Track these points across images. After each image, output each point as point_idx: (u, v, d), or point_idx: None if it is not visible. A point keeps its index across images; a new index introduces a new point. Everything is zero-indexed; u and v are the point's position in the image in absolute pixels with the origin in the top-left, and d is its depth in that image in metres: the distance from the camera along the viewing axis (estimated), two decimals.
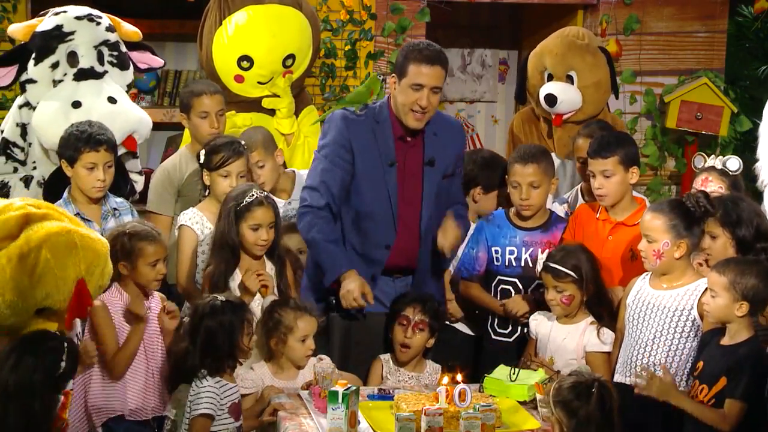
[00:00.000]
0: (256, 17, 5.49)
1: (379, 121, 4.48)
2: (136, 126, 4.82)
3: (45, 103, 4.74)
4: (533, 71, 5.72)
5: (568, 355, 4.30)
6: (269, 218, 4.36)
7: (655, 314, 4.13)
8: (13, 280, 3.44)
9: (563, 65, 5.63)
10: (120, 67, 4.95)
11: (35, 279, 3.47)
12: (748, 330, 3.80)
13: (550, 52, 5.68)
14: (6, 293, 3.44)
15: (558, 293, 4.30)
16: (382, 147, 4.45)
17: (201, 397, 3.76)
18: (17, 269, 3.44)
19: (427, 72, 4.33)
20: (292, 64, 5.60)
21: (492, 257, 4.68)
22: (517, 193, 4.62)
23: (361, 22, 6.41)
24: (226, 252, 4.34)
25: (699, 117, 6.51)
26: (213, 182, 4.68)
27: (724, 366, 3.73)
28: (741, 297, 3.75)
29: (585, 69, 5.65)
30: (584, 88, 5.63)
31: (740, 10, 7.06)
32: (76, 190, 4.53)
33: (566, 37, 5.72)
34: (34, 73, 4.79)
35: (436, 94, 4.37)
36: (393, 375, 4.41)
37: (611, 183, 4.51)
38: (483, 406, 3.64)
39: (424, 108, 4.36)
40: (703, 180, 4.65)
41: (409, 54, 4.38)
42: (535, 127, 5.76)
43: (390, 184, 4.45)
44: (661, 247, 4.07)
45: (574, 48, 5.66)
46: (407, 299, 4.44)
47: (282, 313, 4.18)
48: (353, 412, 3.65)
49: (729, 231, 4.13)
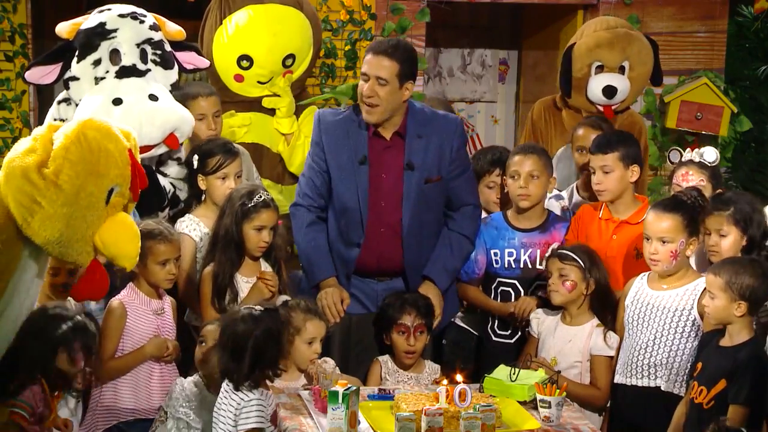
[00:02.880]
0: (257, 17, 5.49)
1: (355, 119, 4.49)
2: (178, 124, 4.73)
3: (87, 99, 4.69)
4: (581, 64, 5.60)
5: (573, 357, 4.30)
6: (273, 221, 4.37)
7: (654, 315, 4.13)
8: (82, 162, 3.41)
9: (621, 56, 5.57)
10: (163, 65, 4.86)
11: (95, 155, 3.44)
12: (748, 331, 3.80)
13: (608, 44, 5.58)
14: (79, 179, 3.40)
15: (561, 278, 4.31)
16: (353, 145, 4.46)
17: (251, 411, 3.65)
18: (78, 153, 3.41)
19: (369, 60, 4.37)
20: (292, 64, 5.59)
21: (491, 260, 4.68)
22: (515, 183, 4.62)
23: (361, 22, 6.41)
24: (230, 251, 4.35)
25: (699, 117, 6.50)
26: (210, 186, 4.68)
27: (724, 368, 3.73)
28: (738, 297, 3.76)
29: (639, 59, 5.62)
30: (635, 77, 5.61)
31: (740, 10, 7.06)
32: None
33: (618, 28, 5.66)
34: (77, 70, 4.75)
35: (383, 86, 4.35)
36: (392, 376, 4.40)
37: (610, 179, 4.52)
38: (483, 406, 3.64)
39: (367, 97, 4.36)
40: (683, 174, 4.63)
41: (368, 47, 4.45)
42: (556, 117, 5.72)
43: (360, 182, 4.44)
44: (678, 247, 4.09)
45: (630, 38, 5.62)
46: (398, 305, 4.39)
47: (292, 314, 4.17)
48: (353, 412, 3.65)
49: (741, 229, 4.14)
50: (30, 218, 3.39)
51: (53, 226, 3.41)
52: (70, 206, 3.41)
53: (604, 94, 5.52)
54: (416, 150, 4.47)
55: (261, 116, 5.56)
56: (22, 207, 3.39)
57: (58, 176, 3.38)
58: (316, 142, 4.53)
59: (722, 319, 3.82)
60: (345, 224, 4.47)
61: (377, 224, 4.46)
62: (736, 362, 3.72)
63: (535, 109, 5.77)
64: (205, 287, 4.36)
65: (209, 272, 4.37)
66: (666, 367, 4.09)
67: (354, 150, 4.45)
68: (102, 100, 4.64)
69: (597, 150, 4.58)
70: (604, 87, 5.52)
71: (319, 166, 4.50)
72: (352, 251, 4.48)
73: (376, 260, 4.49)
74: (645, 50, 5.66)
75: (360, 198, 4.44)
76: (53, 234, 3.42)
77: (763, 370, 3.72)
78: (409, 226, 4.47)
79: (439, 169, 4.50)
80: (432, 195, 4.51)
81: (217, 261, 4.37)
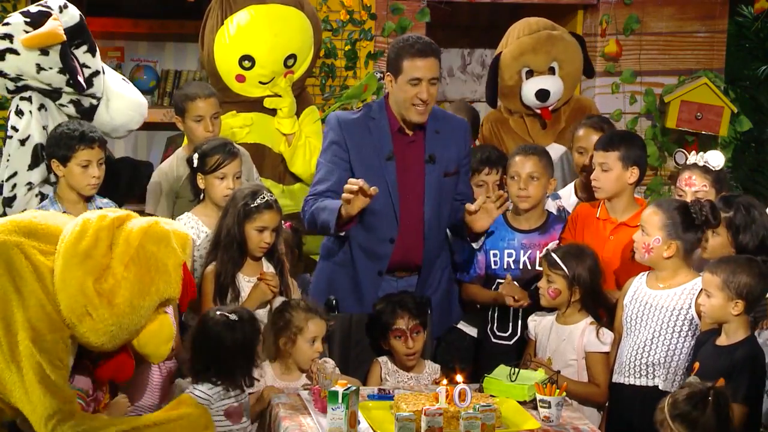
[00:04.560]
0: (258, 17, 5.49)
1: (375, 117, 4.50)
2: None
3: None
4: (510, 73, 5.64)
5: (568, 355, 4.31)
6: (275, 222, 4.38)
7: (652, 314, 4.14)
8: (139, 282, 3.45)
9: (547, 59, 5.60)
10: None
11: (152, 274, 3.49)
12: (744, 329, 3.81)
13: (532, 50, 5.62)
14: (135, 298, 3.45)
15: (548, 283, 4.32)
16: (378, 142, 4.46)
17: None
18: (136, 271, 3.45)
19: (422, 65, 4.36)
20: (294, 64, 5.60)
21: (490, 260, 4.69)
22: (515, 184, 4.62)
23: (361, 22, 6.41)
24: (232, 251, 4.36)
25: (699, 117, 6.51)
26: (209, 186, 4.69)
27: (721, 367, 3.73)
28: (735, 295, 3.77)
29: (567, 58, 5.65)
30: (566, 75, 5.63)
31: (740, 10, 7.06)
32: (64, 190, 4.56)
33: (541, 31, 5.67)
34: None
35: (434, 86, 4.39)
36: (392, 376, 4.40)
37: (607, 177, 4.53)
38: (483, 406, 3.64)
39: (425, 101, 4.37)
40: (686, 179, 4.59)
41: (401, 50, 4.40)
42: (505, 126, 5.73)
43: (389, 178, 4.46)
44: (652, 243, 4.11)
45: (553, 39, 5.64)
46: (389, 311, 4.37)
47: (293, 313, 4.18)
48: (353, 412, 3.65)
49: (731, 233, 4.14)
50: (78, 323, 3.43)
51: (98, 337, 3.47)
52: (119, 323, 3.46)
53: (537, 98, 5.56)
54: (436, 144, 4.51)
55: (262, 116, 5.57)
56: (73, 313, 3.42)
57: (113, 296, 3.42)
58: (335, 142, 4.50)
59: (718, 318, 3.83)
60: (376, 221, 4.46)
61: (406, 219, 4.48)
62: (733, 361, 3.73)
63: (484, 128, 5.81)
64: (207, 286, 4.38)
65: (211, 271, 4.39)
66: (664, 366, 4.10)
67: (379, 147, 4.46)
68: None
69: (599, 146, 4.61)
70: (537, 91, 5.56)
71: (342, 166, 4.47)
72: (386, 247, 4.49)
73: (401, 255, 4.51)
74: (571, 48, 5.68)
75: (391, 193, 4.46)
76: (97, 341, 3.48)
77: (760, 369, 3.73)
78: (430, 219, 4.51)
79: (455, 162, 4.56)
80: (448, 188, 4.56)
81: (219, 260, 4.38)
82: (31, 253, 3.43)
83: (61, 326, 3.43)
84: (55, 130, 4.57)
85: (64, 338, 3.44)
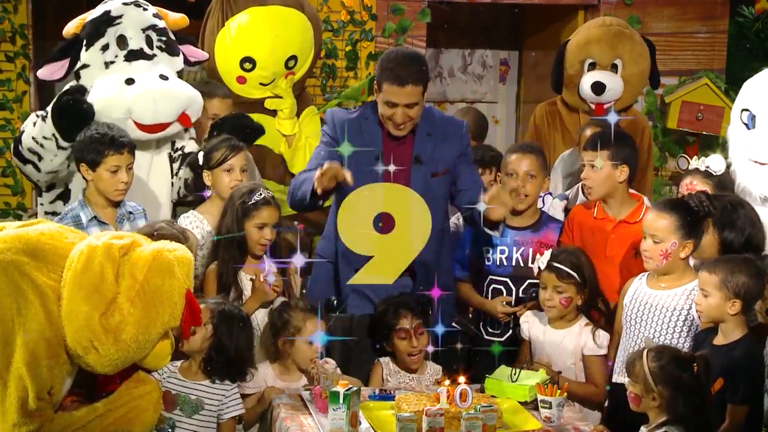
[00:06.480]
0: (259, 19, 5.50)
1: (368, 117, 4.50)
2: (189, 102, 4.81)
3: (100, 82, 4.77)
4: (573, 61, 5.63)
5: (566, 359, 4.30)
6: (274, 218, 4.38)
7: (653, 314, 4.14)
8: (145, 318, 3.44)
9: (611, 54, 5.59)
10: (169, 52, 4.93)
11: (158, 308, 3.47)
12: (741, 329, 3.81)
13: (598, 41, 5.61)
14: (141, 334, 3.43)
15: (558, 294, 4.30)
16: (368, 141, 4.46)
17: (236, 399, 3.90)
18: (142, 307, 3.43)
19: (397, 92, 4.31)
20: (294, 66, 5.60)
21: (482, 257, 4.68)
22: (512, 181, 4.62)
23: (361, 23, 6.42)
24: (233, 249, 4.37)
25: (700, 117, 6.51)
26: (216, 180, 4.69)
27: (720, 366, 3.72)
28: (733, 295, 3.76)
29: (632, 58, 5.62)
30: (629, 77, 5.61)
31: (741, 11, 7.06)
32: (93, 193, 4.52)
33: (611, 26, 5.67)
34: (86, 58, 4.79)
35: (412, 108, 4.35)
36: (393, 377, 4.40)
37: (597, 176, 4.53)
38: (484, 407, 3.64)
39: (399, 124, 4.37)
40: (688, 185, 4.55)
41: (383, 70, 4.35)
42: (558, 119, 5.73)
43: (375, 178, 4.44)
44: (669, 248, 4.08)
45: (621, 37, 5.63)
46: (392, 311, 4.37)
47: (291, 313, 4.19)
48: (354, 412, 3.65)
49: (717, 231, 4.14)
50: (84, 355, 3.40)
51: (103, 368, 3.44)
52: (125, 357, 3.44)
53: (592, 90, 5.52)
54: (425, 145, 4.49)
55: (263, 117, 5.56)
56: (79, 345, 3.39)
57: (120, 332, 3.40)
58: (330, 136, 4.51)
59: (715, 318, 3.83)
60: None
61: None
62: (732, 361, 3.72)
63: (538, 113, 5.77)
64: (209, 285, 4.38)
65: (213, 270, 4.40)
66: None
67: (368, 146, 4.45)
68: (115, 79, 4.72)
69: (588, 146, 4.60)
70: (593, 83, 5.52)
71: (335, 156, 4.41)
72: None
73: None
74: (638, 50, 5.66)
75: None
76: (101, 370, 3.46)
77: (758, 368, 3.73)
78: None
79: (446, 162, 4.52)
80: (437, 189, 4.51)
81: (220, 259, 4.39)
82: (35, 275, 3.42)
83: (60, 351, 3.41)
84: (85, 133, 4.53)
85: (61, 363, 3.42)
